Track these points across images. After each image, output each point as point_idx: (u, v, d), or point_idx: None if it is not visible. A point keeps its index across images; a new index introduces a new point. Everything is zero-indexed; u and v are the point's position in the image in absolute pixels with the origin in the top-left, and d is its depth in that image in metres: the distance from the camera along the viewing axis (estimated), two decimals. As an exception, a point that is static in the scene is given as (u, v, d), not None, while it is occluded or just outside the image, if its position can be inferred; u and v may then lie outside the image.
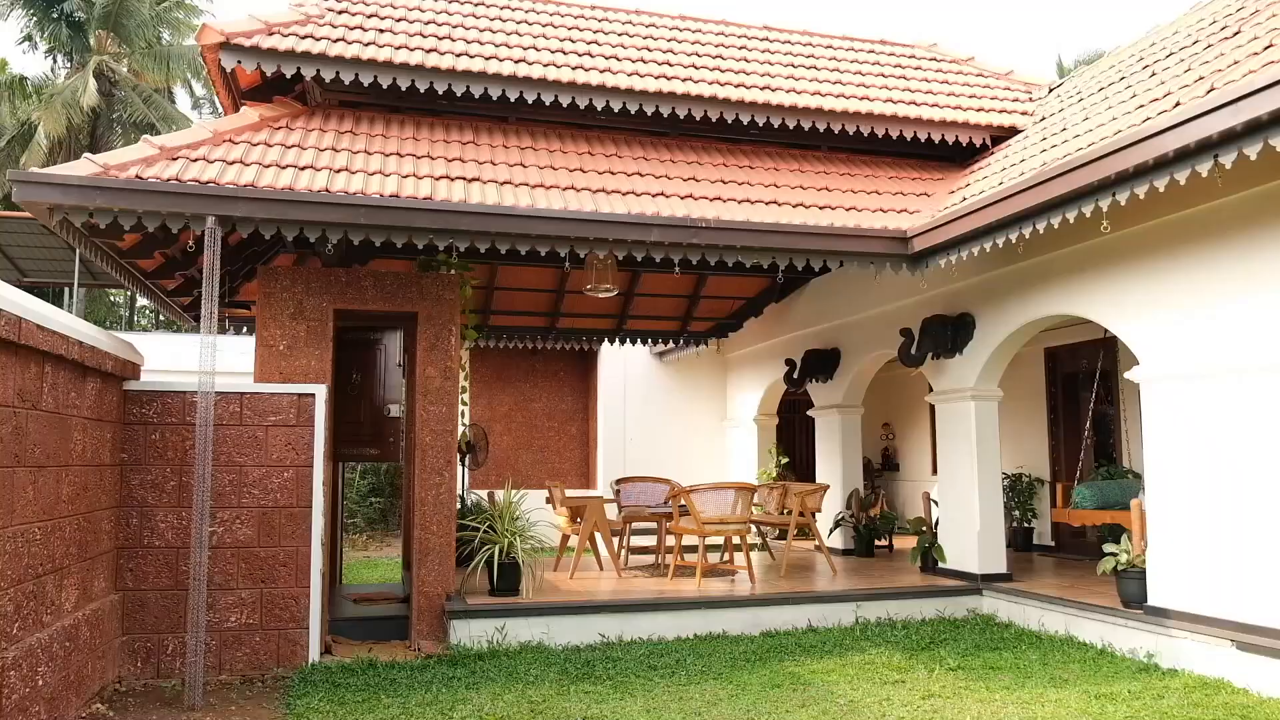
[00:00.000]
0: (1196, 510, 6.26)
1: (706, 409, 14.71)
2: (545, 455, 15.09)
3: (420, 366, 7.51)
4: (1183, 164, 5.37)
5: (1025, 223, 6.55)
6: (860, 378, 10.96)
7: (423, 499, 7.42)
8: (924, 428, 13.97)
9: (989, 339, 8.42)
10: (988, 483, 8.56)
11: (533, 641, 7.11)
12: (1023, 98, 9.70)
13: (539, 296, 11.73)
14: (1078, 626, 7.21)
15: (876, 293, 10.21)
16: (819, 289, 11.56)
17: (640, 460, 14.08)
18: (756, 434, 13.49)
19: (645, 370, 14.61)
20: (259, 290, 7.05)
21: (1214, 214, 6.17)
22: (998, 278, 8.28)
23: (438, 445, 7.48)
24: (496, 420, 14.84)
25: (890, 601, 8.06)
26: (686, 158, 8.45)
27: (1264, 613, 5.76)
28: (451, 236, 6.69)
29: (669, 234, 7.07)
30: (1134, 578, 6.83)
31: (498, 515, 7.72)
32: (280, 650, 6.44)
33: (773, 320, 12.64)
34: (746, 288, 12.10)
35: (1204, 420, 6.23)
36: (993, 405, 8.70)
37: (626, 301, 11.89)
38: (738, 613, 7.69)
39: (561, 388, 15.28)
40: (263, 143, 6.98)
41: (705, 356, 14.54)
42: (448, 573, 7.42)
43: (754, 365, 13.48)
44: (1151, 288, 6.65)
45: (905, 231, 7.58)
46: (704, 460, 14.37)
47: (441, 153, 7.56)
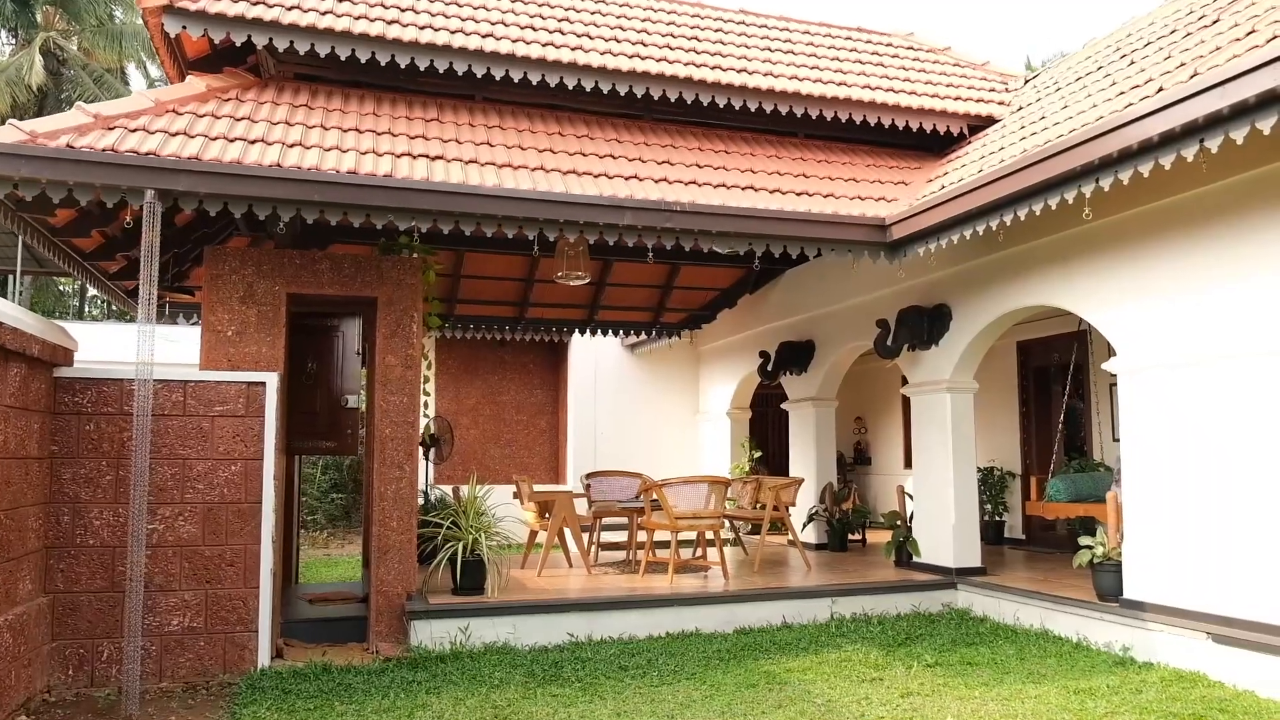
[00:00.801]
0: (1173, 503, 6.11)
1: (678, 402, 14.46)
2: (513, 449, 14.77)
3: (380, 355, 7.18)
4: (1167, 148, 5.19)
5: (1007, 209, 6.35)
6: (835, 370, 10.77)
7: (382, 494, 7.09)
8: (896, 421, 13.83)
9: (965, 330, 8.25)
10: (963, 476, 8.39)
11: (498, 642, 6.82)
12: (999, 88, 9.54)
13: (507, 285, 11.41)
14: (1053, 620, 7.05)
15: (852, 284, 10.01)
16: (793, 280, 11.35)
17: (611, 454, 13.81)
18: (729, 427, 13.27)
19: (616, 362, 14.34)
20: (205, 272, 6.68)
21: (1194, 203, 6.02)
22: (975, 268, 8.11)
23: (398, 438, 7.15)
24: (463, 413, 14.49)
25: (865, 597, 7.86)
26: (660, 141, 8.17)
27: (1240, 605, 5.63)
28: (413, 217, 6.37)
29: (643, 217, 6.80)
30: (1109, 571, 6.69)
31: (462, 511, 7.41)
32: (227, 655, 6.09)
33: (746, 312, 12.41)
34: (720, 278, 11.86)
35: (1180, 412, 6.08)
36: (968, 397, 8.54)
37: (598, 291, 11.60)
38: (711, 610, 7.44)
39: (530, 380, 14.96)
40: (209, 114, 6.61)
41: (677, 349, 14.29)
42: (409, 571, 7.10)
43: (727, 358, 13.25)
44: (1130, 277, 6.49)
45: (884, 219, 7.37)
46: (676, 454, 14.13)
47: (403, 130, 7.23)
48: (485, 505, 7.58)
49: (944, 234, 6.98)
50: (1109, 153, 5.43)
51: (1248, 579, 5.61)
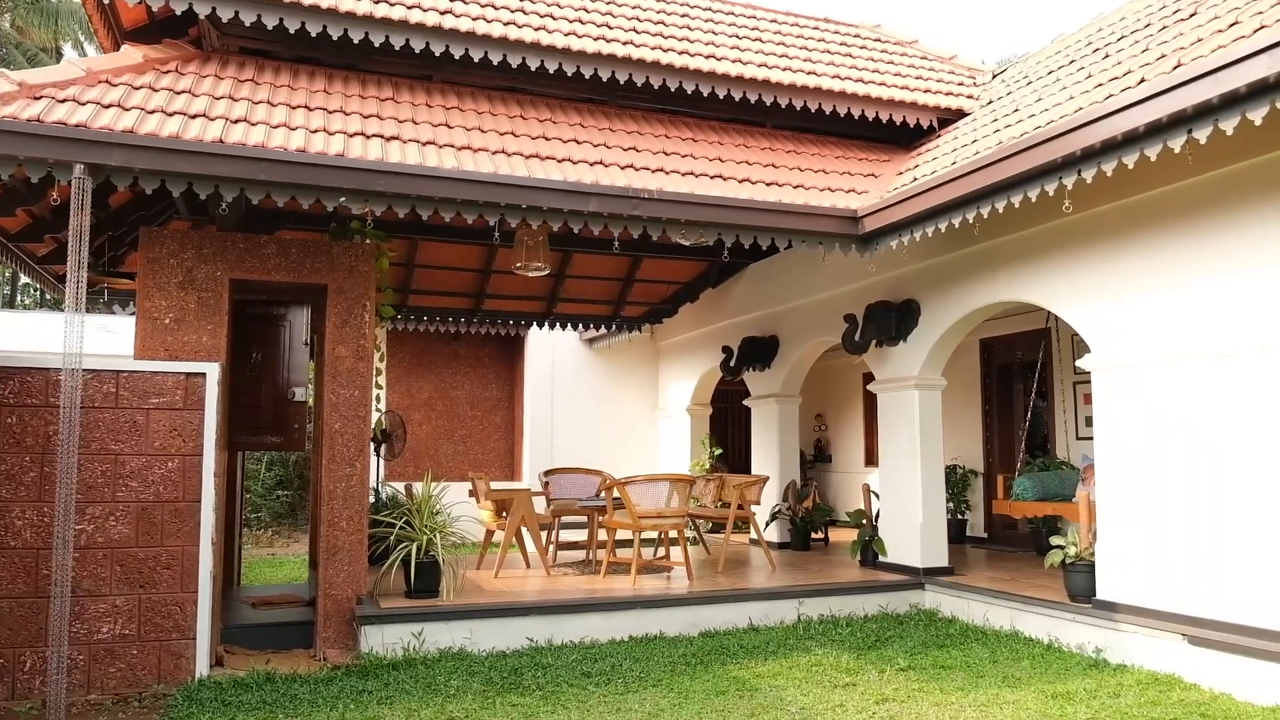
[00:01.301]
0: (1148, 502, 6.01)
1: (638, 398, 14.20)
2: (468, 445, 14.39)
3: (330, 345, 6.81)
4: (1153, 139, 5.06)
5: (984, 201, 6.19)
6: (799, 366, 10.59)
7: (331, 492, 6.73)
8: (857, 419, 13.74)
9: (934, 326, 8.11)
10: (931, 474, 8.26)
11: (454, 648, 6.50)
12: (966, 82, 9.42)
13: (463, 276, 11.04)
14: (1023, 621, 6.93)
15: (817, 278, 9.84)
16: (757, 274, 11.15)
17: (568, 451, 13.50)
18: (689, 424, 13.04)
19: (574, 357, 14.03)
20: (141, 255, 6.25)
21: (1173, 197, 5.91)
22: (945, 263, 7.96)
23: (349, 432, 6.79)
24: (416, 408, 14.08)
25: (833, 598, 7.68)
26: (626, 127, 7.89)
27: (1216, 607, 5.54)
28: (366, 199, 6.01)
29: (608, 204, 6.52)
30: (1082, 571, 6.57)
31: (415, 509, 7.07)
32: (162, 664, 5.69)
33: (708, 306, 12.19)
34: (681, 272, 11.62)
35: (1156, 410, 5.98)
36: (936, 394, 8.40)
37: (556, 283, 11.29)
38: (676, 612, 7.20)
39: (485, 374, 14.59)
40: (146, 86, 6.17)
41: (637, 344, 14.03)
42: (359, 573, 6.74)
43: (688, 353, 13.02)
44: (1105, 273, 6.38)
45: (855, 211, 7.18)
46: (635, 451, 13.87)
47: (356, 108, 6.86)
48: (440, 504, 7.25)
49: (918, 227, 6.81)
50: (1091, 144, 5.29)
51: (1224, 580, 5.52)
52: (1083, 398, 9.59)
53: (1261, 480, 5.34)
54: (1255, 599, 5.33)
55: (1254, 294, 5.41)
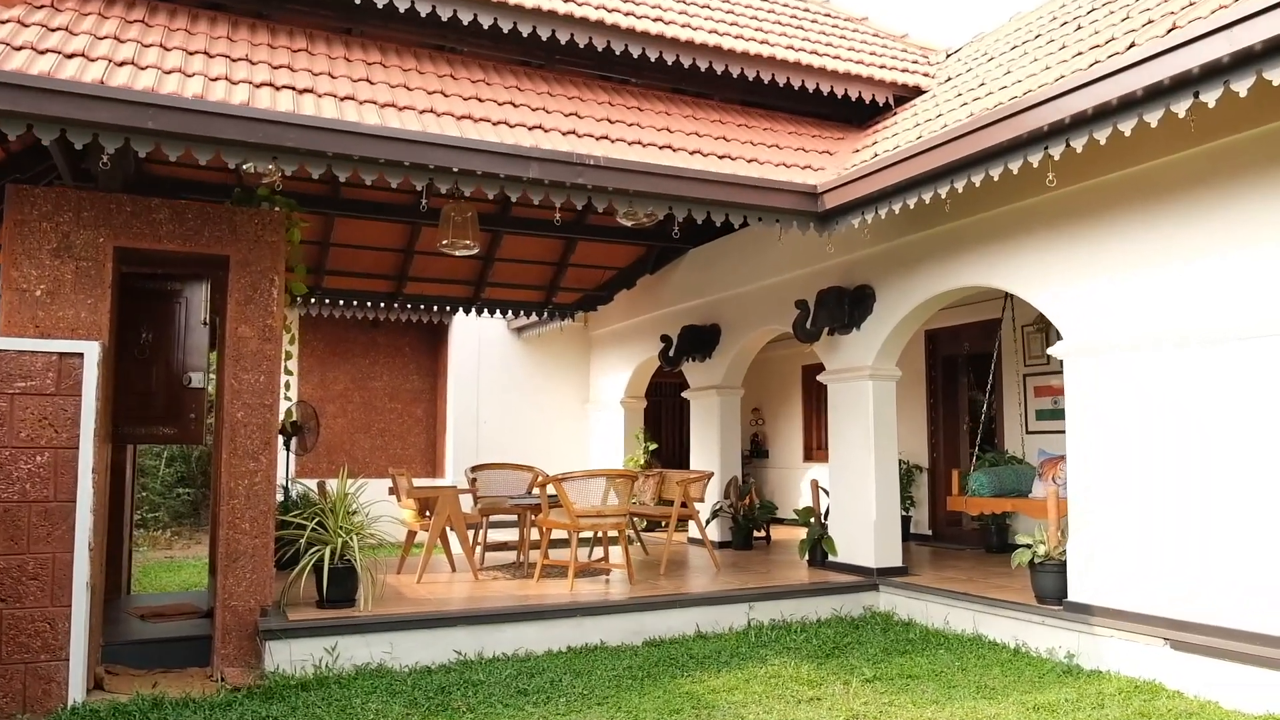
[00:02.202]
0: (1124, 497, 5.67)
1: (568, 390, 13.57)
2: (386, 440, 13.54)
3: (232, 324, 6.03)
4: (1153, 103, 4.67)
5: (959, 174, 5.76)
6: (742, 356, 10.12)
7: (233, 490, 5.95)
8: (795, 412, 13.36)
9: (890, 313, 7.70)
10: (885, 469, 7.86)
11: (372, 664, 5.81)
12: (920, 61, 9.06)
13: (383, 257, 10.24)
14: (988, 624, 6.56)
15: (763, 264, 9.37)
16: (698, 260, 10.64)
17: (495, 446, 12.80)
18: (623, 417, 12.47)
19: (502, 346, 13.31)
20: (7, 218, 5.38)
21: (1150, 176, 5.59)
22: (903, 246, 7.56)
23: (253, 423, 6.02)
24: (330, 400, 13.17)
25: (784, 601, 7.21)
26: (567, 93, 7.27)
27: (1200, 609, 5.21)
28: (275, 156, 5.27)
29: (550, 170, 5.89)
30: (1050, 571, 6.22)
31: (329, 509, 6.33)
32: (27, 689, 4.87)
33: (646, 294, 11.63)
34: (618, 257, 11.03)
35: (1134, 398, 5.64)
36: (891, 385, 8.02)
37: (485, 266, 10.58)
38: (617, 620, 6.62)
39: (406, 364, 13.75)
40: (15, 20, 5.30)
41: (568, 333, 13.39)
42: (264, 581, 5.98)
43: (622, 343, 12.44)
44: (1078, 255, 6.03)
45: (815, 187, 6.70)
46: (565, 446, 13.24)
47: (265, 58, 6.08)
48: (357, 503, 6.53)
49: (882, 203, 6.36)
50: (1081, 110, 4.88)
51: (1209, 581, 5.19)
52: (1033, 390, 9.34)
53: (1250, 475, 5.02)
54: (1243, 600, 5.01)
55: (1240, 275, 5.09)
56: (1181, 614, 5.30)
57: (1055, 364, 9.12)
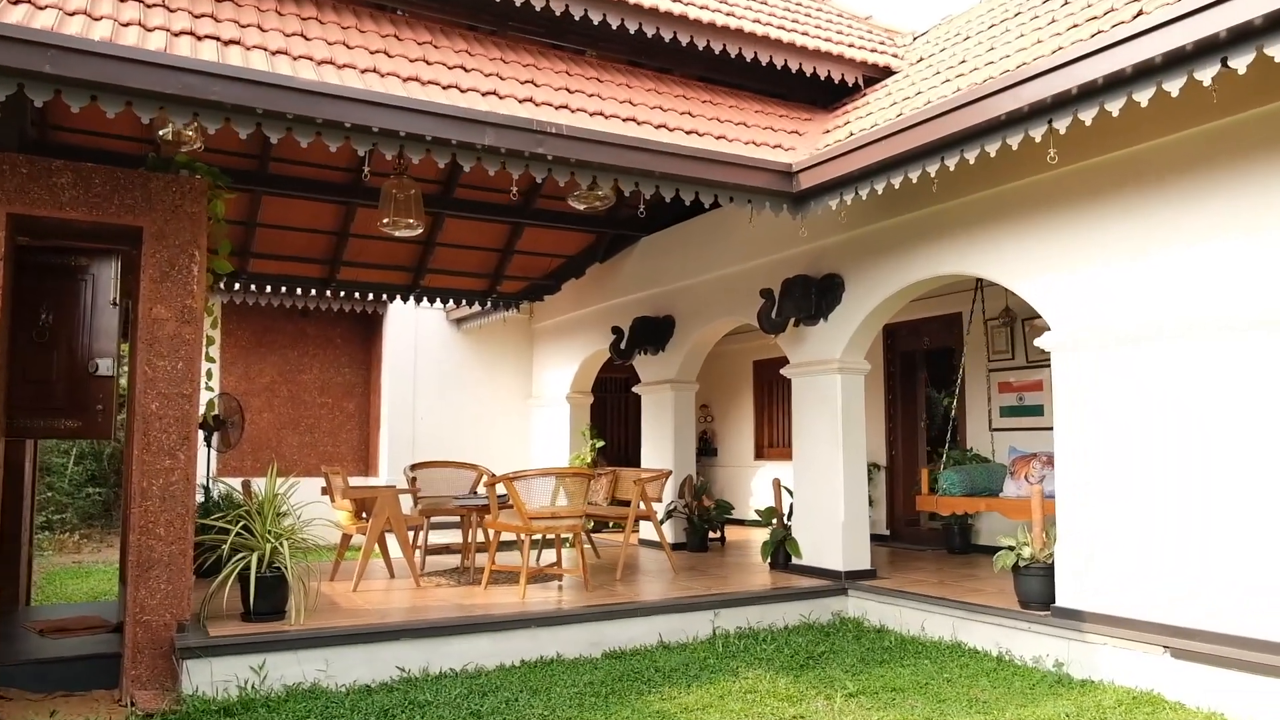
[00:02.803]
0: (1119, 497, 5.37)
1: (510, 385, 12.97)
2: (316, 436, 12.76)
3: (146, 305, 5.35)
4: (1173, 70, 4.34)
5: (949, 151, 5.38)
6: (697, 349, 9.68)
7: (146, 490, 5.27)
8: (746, 409, 12.99)
9: (860, 304, 7.34)
10: (853, 467, 7.50)
11: (305, 683, 5.21)
12: (887, 42, 8.71)
13: (315, 239, 9.53)
14: (968, 631, 6.22)
15: (720, 252, 8.95)
16: (651, 249, 10.17)
17: (432, 442, 12.14)
18: (568, 413, 11.93)
19: (440, 338, 12.65)
20: (-125, 172, 4.64)
21: (1148, 157, 5.31)
22: (875, 233, 7.20)
23: (170, 416, 5.35)
24: (255, 394, 12.35)
25: (750, 607, 6.78)
26: (521, 60, 6.71)
27: (1204, 614, 4.93)
28: (196, 111, 4.63)
29: (508, 138, 5.35)
30: (1036, 575, 5.90)
31: (256, 511, 5.69)
32: (-108, 727, 4.15)
33: (595, 284, 11.11)
34: (567, 244, 10.49)
35: (1130, 392, 5.35)
36: (860, 379, 7.67)
37: (425, 252, 9.94)
38: (575, 630, 6.11)
39: (338, 356, 12.98)
40: (-116, -58, 4.56)
41: (511, 325, 12.79)
42: (181, 591, 5.32)
43: (569, 335, 11.89)
44: (1069, 242, 5.72)
45: (790, 166, 6.29)
46: (506, 443, 12.64)
47: (184, 5, 5.41)
48: (287, 504, 5.89)
49: (863, 183, 5.96)
50: (1091, 79, 4.54)
51: (1212, 585, 4.91)
52: (997, 386, 9.10)
53: (1258, 472, 4.74)
54: (1249, 604, 4.73)
55: (1243, 261, 4.81)
56: (1182, 620, 5.01)
57: (1020, 360, 8.89)
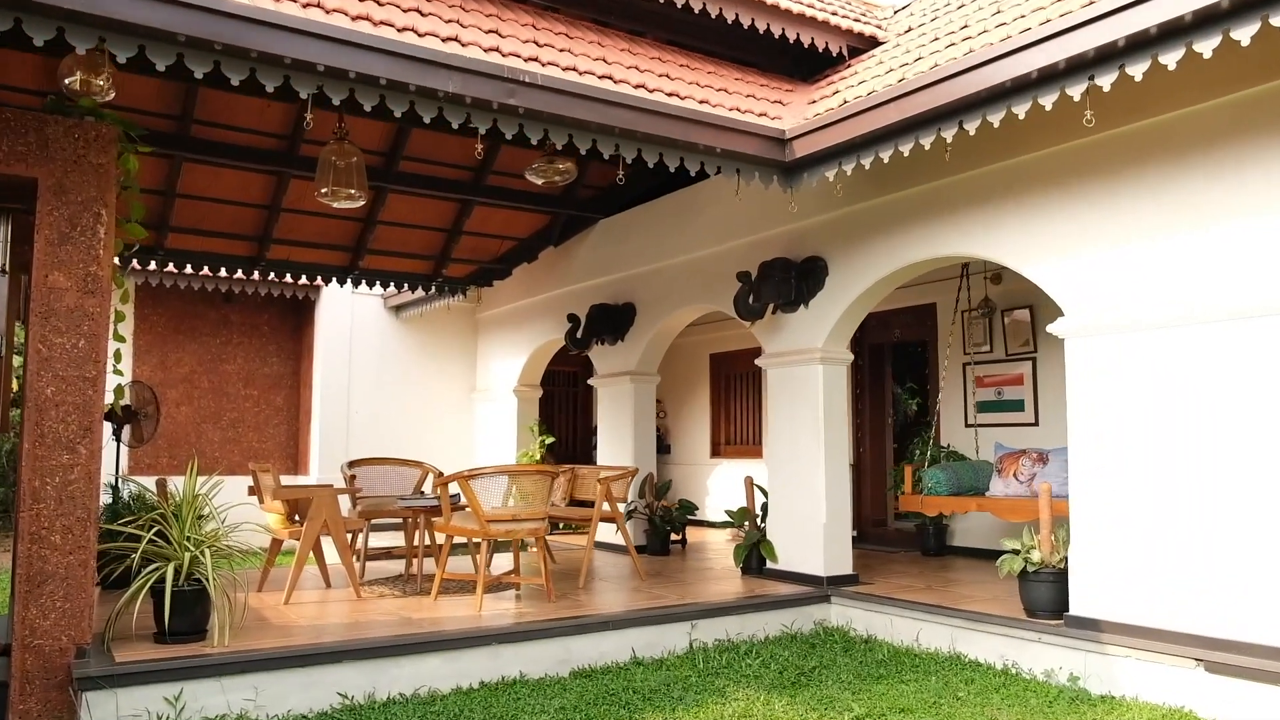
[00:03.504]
0: (1143, 496, 4.93)
1: (453, 377, 12.18)
2: (240, 431, 11.78)
3: (41, 270, 4.52)
4: (1208, 29, 3.89)
5: (970, 113, 4.84)
6: (660, 338, 9.08)
7: (39, 490, 4.46)
8: (702, 404, 12.43)
9: (845, 289, 6.83)
10: (836, 464, 6.99)
11: (231, 715, 4.47)
12: (868, 12, 8.22)
13: (243, 213, 8.64)
14: (968, 642, 5.74)
15: (687, 235, 8.36)
16: (609, 232, 9.53)
17: (368, 439, 11.31)
18: (515, 407, 11.21)
19: (378, 327, 11.80)
20: None
21: (1177, 127, 4.87)
22: (863, 213, 6.70)
23: (69, 403, 4.53)
24: (173, 385, 11.35)
25: (729, 618, 6.21)
26: (484, 10, 6.01)
27: (1241, 625, 4.51)
28: (102, 35, 3.84)
29: (475, 86, 4.68)
30: (1046, 581, 5.44)
31: (173, 514, 4.89)
32: None
33: (547, 269, 10.42)
34: (519, 225, 9.77)
35: (1155, 382, 4.91)
36: (843, 370, 7.17)
37: (365, 230, 9.12)
38: (540, 646, 5.45)
39: (265, 345, 12.02)
40: None
41: (455, 313, 12.01)
42: (80, 610, 4.52)
43: (518, 324, 11.17)
44: (1086, 220, 5.27)
45: (784, 132, 5.72)
46: (449, 439, 11.87)
47: (91, -84, 4.58)
48: (210, 505, 5.11)
49: (866, 151, 5.42)
50: (1144, 29, 4.05)
51: (1251, 593, 4.48)
52: (974, 380, 8.69)
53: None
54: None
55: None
56: (1216, 630, 4.59)
57: (1000, 353, 8.50)
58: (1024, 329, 8.23)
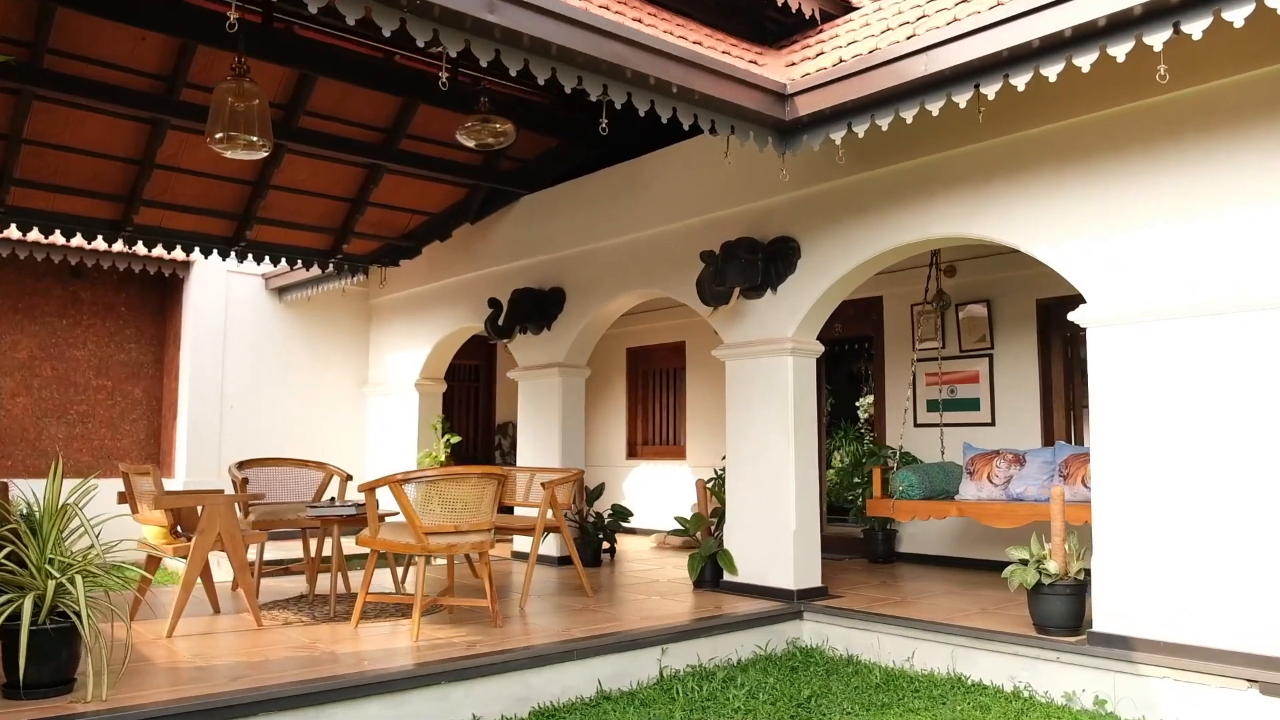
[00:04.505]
0: (1180, 500, 4.49)
1: (343, 369, 10.95)
2: (91, 427, 10.18)
3: None
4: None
5: (1018, 66, 4.25)
6: (593, 328, 8.24)
7: None
8: (617, 403, 11.67)
9: (820, 273, 6.21)
10: (806, 466, 6.36)
11: (110, 799, 3.38)
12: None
13: (106, 167, 7.28)
14: (969, 661, 5.19)
15: (631, 214, 7.59)
16: (535, 209, 8.63)
17: (244, 437, 9.99)
18: (417, 403, 10.12)
19: (258, 311, 10.46)
20: None
21: (1222, 97, 4.46)
22: (842, 189, 6.10)
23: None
24: (8, 373, 9.69)
25: (698, 640, 5.46)
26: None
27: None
28: None
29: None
30: (1063, 594, 4.94)
31: (31, 530, 3.75)
32: None
33: (461, 249, 9.40)
34: (432, 198, 8.72)
35: (1193, 373, 4.48)
36: (812, 363, 6.55)
37: (254, 194, 7.89)
38: (496, 684, 4.57)
39: (122, 329, 10.45)
40: None
41: (346, 298, 10.82)
42: (-104, 663, 3.33)
43: (423, 311, 10.08)
44: (1111, 199, 4.81)
45: (784, 86, 5.02)
46: (337, 438, 10.66)
47: None
48: (83, 517, 3.98)
49: (881, 110, 4.76)
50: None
51: (1315, 606, 4.08)
52: (924, 378, 8.27)
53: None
54: (1368, 632, 3.93)
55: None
56: (1273, 648, 4.16)
57: (953, 349, 8.09)
58: (980, 324, 7.85)
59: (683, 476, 10.57)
